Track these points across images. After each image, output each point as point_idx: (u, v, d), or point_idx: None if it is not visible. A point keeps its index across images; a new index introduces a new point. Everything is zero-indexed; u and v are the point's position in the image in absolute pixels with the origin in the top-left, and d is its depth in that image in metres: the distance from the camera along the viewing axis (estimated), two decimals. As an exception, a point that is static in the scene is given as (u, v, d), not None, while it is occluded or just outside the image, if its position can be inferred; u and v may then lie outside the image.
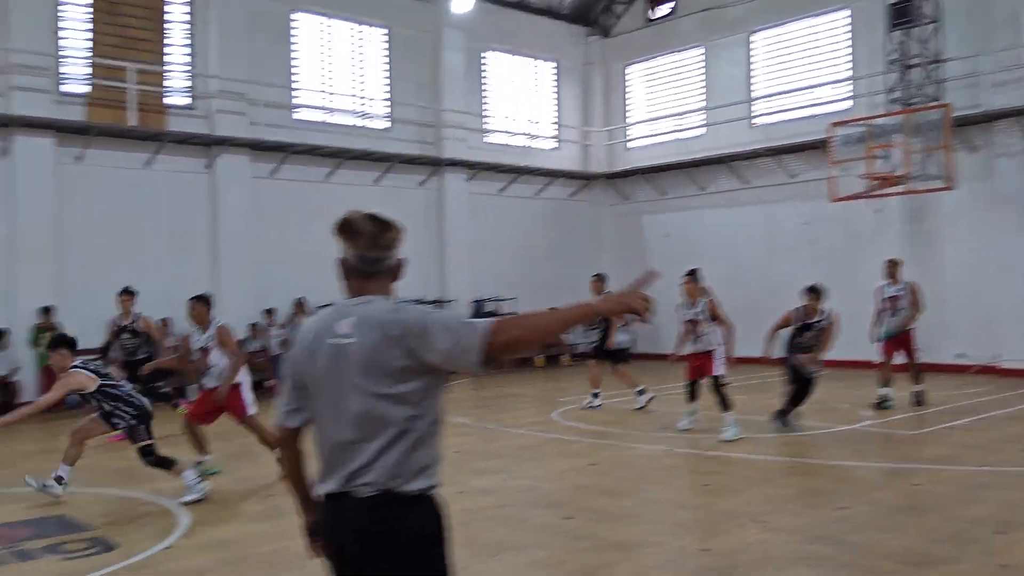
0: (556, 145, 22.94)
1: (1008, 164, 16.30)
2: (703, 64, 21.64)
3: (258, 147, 17.17)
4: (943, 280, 17.39)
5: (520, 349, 2.76)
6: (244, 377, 8.30)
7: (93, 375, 7.44)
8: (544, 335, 2.73)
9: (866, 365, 17.21)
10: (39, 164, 14.77)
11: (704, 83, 21.62)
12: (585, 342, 23.02)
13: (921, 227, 17.54)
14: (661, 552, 5.82)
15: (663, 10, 22.23)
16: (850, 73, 18.82)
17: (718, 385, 10.23)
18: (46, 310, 14.27)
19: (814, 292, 10.84)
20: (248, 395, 8.34)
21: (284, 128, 17.64)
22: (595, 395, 13.06)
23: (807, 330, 10.64)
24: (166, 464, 7.48)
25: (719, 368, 10.31)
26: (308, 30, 18.62)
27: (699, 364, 10.57)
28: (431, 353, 2.66)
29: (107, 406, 7.46)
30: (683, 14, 21.74)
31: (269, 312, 16.73)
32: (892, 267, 12.90)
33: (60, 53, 15.24)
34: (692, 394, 10.81)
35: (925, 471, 8.21)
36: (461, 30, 20.23)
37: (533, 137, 21.92)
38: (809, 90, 19.62)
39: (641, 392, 12.80)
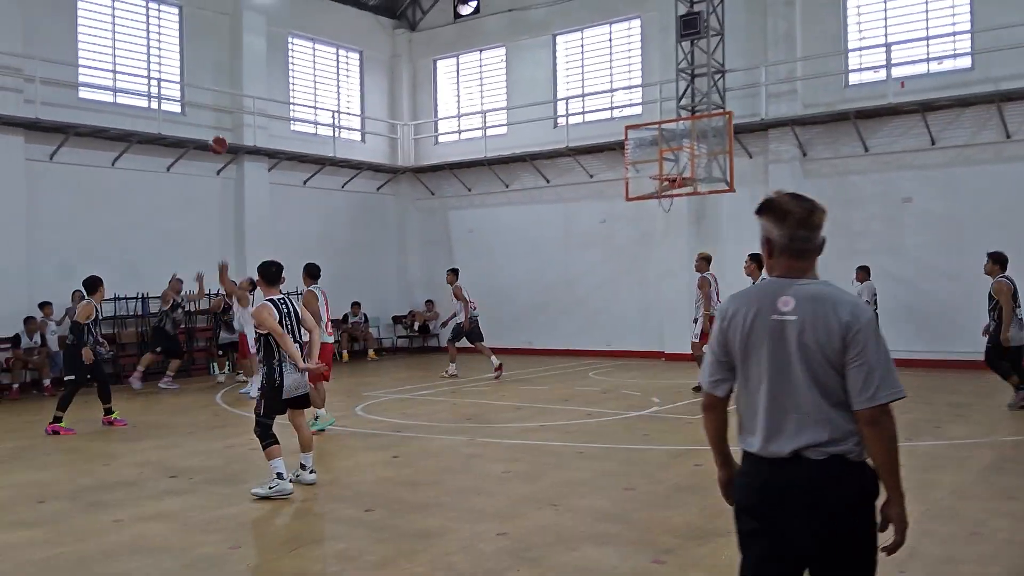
0: (362, 137, 22.70)
1: (780, 169, 17.77)
2: (505, 64, 22.10)
3: (34, 127, 15.86)
4: (722, 277, 18.72)
5: (879, 444, 2.85)
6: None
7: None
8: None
9: (657, 355, 18.28)
10: None
11: (505, 83, 22.08)
12: (391, 337, 23.00)
13: (704, 226, 18.80)
14: (459, 539, 5.92)
15: (469, 7, 22.48)
16: (644, 80, 19.87)
17: None
18: None
19: None
20: None
21: (66, 108, 16.41)
22: None
23: None
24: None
25: None
26: (93, 3, 17.38)
27: None
28: (847, 361, 2.83)
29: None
30: (488, 13, 22.11)
31: (46, 306, 15.52)
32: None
33: None
34: None
35: (706, 452, 8.79)
36: (261, 13, 19.56)
37: (338, 128, 21.56)
38: (607, 94, 20.53)
39: None
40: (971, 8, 16.15)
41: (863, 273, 15.63)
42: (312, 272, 11.30)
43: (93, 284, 11.13)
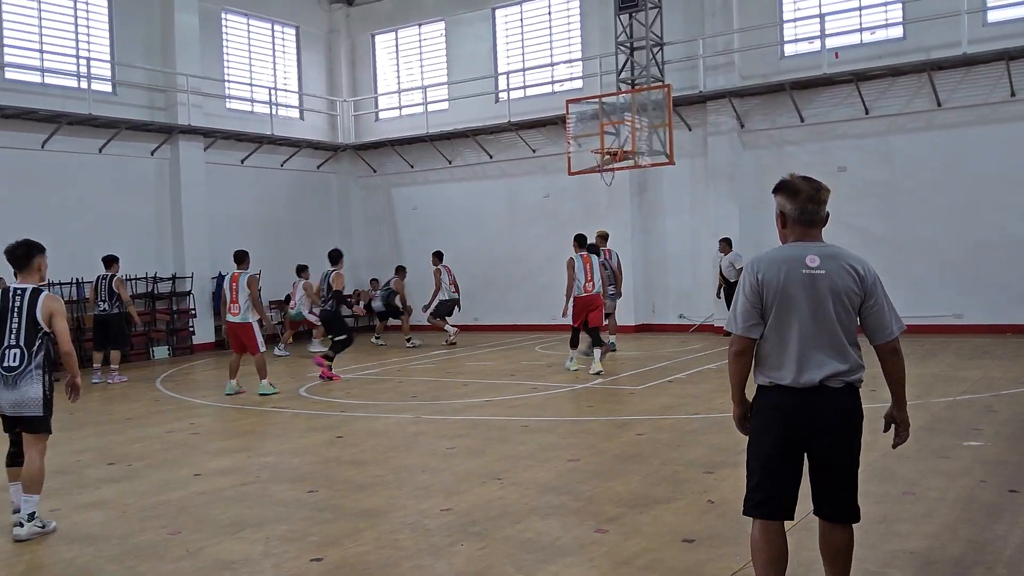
0: (300, 115, 22.33)
1: (719, 141, 17.95)
2: (445, 38, 21.88)
3: (-44, 109, 15.33)
4: (665, 248, 18.93)
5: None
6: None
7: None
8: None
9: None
10: None
11: (446, 57, 21.88)
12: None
13: (646, 199, 18.93)
14: (404, 516, 5.91)
15: (407, -19, 22.15)
16: (584, 53, 19.84)
17: None
18: None
19: None
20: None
21: (-11, 89, 15.87)
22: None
23: None
24: None
25: None
26: (14, -20, 16.77)
27: None
28: (864, 307, 3.62)
29: None
30: (426, -14, 21.85)
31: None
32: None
33: None
34: None
35: (647, 421, 8.94)
36: (192, -11, 19.07)
37: (276, 105, 21.17)
38: (548, 68, 20.46)
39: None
40: (902, -22, 16.43)
41: (726, 245, 16.74)
42: (238, 258, 12.38)
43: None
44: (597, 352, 12.54)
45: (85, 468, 7.86)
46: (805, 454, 3.66)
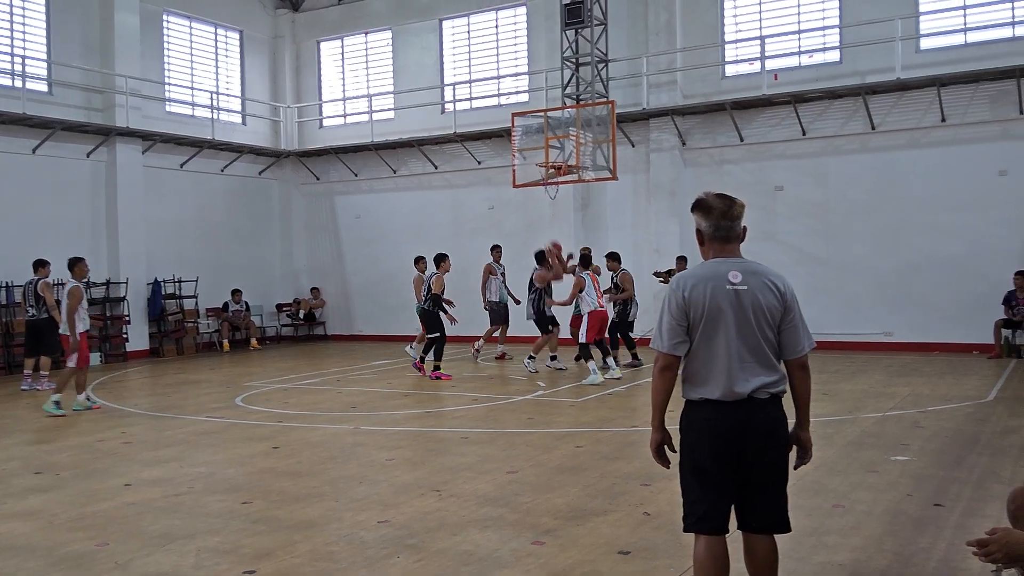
0: (242, 120, 22.03)
1: (661, 158, 18.21)
2: (391, 48, 21.83)
3: None
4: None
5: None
6: None
7: None
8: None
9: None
10: None
11: (392, 67, 21.81)
12: (275, 325, 22.48)
13: (589, 213, 19.10)
14: (340, 528, 5.85)
15: (354, -11, 22.07)
16: (530, 67, 19.96)
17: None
18: None
19: None
20: None
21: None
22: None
23: None
24: None
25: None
26: (-54, -27, 16.27)
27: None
28: (783, 321, 3.65)
29: None
30: (373, -5, 21.78)
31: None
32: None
33: None
34: None
35: (586, 434, 9.01)
36: (134, -10, 18.72)
37: (217, 109, 20.86)
38: (494, 81, 20.54)
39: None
40: (840, 4, 16.90)
41: (682, 263, 16.16)
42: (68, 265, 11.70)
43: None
44: (611, 360, 13.34)
45: (11, 477, 7.62)
46: (736, 467, 3.67)
